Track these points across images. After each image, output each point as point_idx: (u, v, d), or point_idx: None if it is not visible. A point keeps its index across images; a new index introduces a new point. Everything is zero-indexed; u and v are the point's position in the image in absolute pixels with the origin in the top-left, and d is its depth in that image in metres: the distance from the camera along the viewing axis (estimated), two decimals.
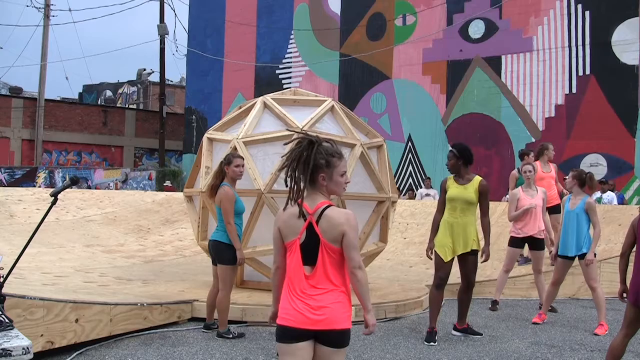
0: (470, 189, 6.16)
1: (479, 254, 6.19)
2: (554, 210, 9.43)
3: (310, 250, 3.02)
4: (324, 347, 3.05)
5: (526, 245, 8.15)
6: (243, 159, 6.24)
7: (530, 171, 7.87)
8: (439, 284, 6.21)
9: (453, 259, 6.18)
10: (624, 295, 4.62)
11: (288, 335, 3.01)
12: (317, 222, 3.01)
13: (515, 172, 9.90)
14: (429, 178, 18.06)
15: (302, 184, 3.01)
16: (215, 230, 6.02)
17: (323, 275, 3.01)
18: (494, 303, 7.91)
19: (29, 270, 7.74)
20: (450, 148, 6.40)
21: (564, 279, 7.06)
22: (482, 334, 6.35)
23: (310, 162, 3.01)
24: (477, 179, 6.20)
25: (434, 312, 6.19)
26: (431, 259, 6.35)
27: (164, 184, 23.61)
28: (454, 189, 6.26)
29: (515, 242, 7.81)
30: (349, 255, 3.01)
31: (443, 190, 6.43)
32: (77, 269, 8.57)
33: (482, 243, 6.25)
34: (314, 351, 3.07)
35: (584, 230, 6.73)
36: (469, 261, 6.19)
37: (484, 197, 6.18)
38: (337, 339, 3.07)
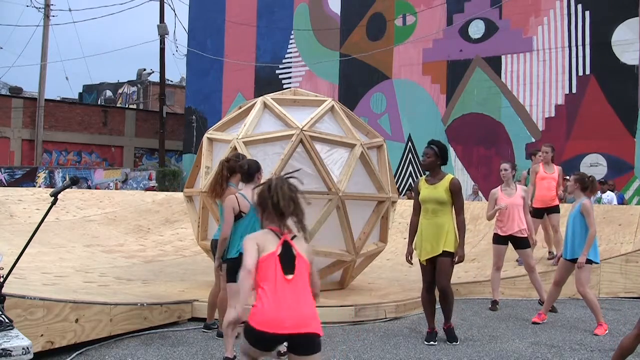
0: (441, 189, 5.95)
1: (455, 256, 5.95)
2: (552, 210, 9.43)
3: (287, 261, 3.25)
4: (300, 356, 3.21)
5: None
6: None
7: (506, 170, 7.95)
8: (428, 288, 6.12)
9: (434, 261, 5.96)
10: None
11: (267, 339, 3.14)
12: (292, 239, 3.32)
13: (524, 172, 9.92)
14: None
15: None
16: (218, 229, 6.01)
17: (302, 282, 3.30)
18: (494, 303, 7.91)
19: (29, 270, 7.74)
20: (430, 144, 6.08)
21: (565, 280, 7.06)
22: (457, 341, 6.03)
23: (279, 209, 3.29)
24: (448, 177, 5.99)
25: (428, 315, 6.17)
26: (412, 264, 6.23)
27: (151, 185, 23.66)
28: (424, 190, 6.09)
29: (498, 239, 7.91)
30: (314, 280, 3.46)
31: (416, 192, 6.31)
32: (77, 269, 8.57)
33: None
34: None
35: (578, 234, 6.72)
36: (440, 263, 5.92)
37: (456, 196, 5.95)
38: (316, 343, 3.29)
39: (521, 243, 7.84)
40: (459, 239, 5.95)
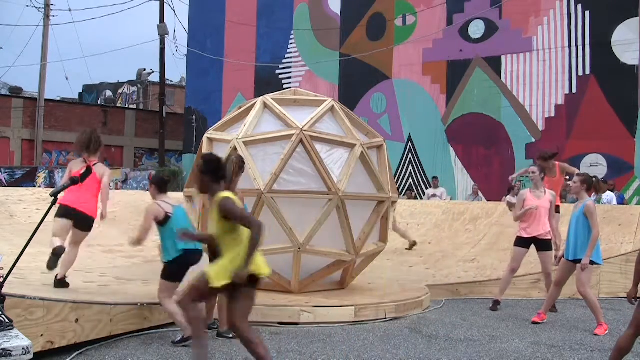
0: (214, 213, 4.56)
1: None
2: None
3: None
4: None
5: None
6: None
7: (534, 172, 7.87)
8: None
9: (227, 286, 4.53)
10: (635, 298, 4.58)
11: None
12: None
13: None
14: (435, 177, 17.98)
15: None
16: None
17: None
18: (496, 303, 7.90)
19: (29, 270, 7.74)
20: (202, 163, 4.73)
21: (566, 280, 7.06)
22: None
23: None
24: (218, 197, 4.50)
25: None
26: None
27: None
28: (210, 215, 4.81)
29: (520, 242, 7.79)
30: None
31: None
32: (77, 269, 8.55)
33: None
34: None
35: (581, 235, 6.71)
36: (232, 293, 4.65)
37: (230, 216, 4.44)
38: None
39: (544, 245, 7.70)
40: (246, 258, 4.41)
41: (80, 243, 7.23)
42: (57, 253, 6.76)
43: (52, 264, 6.76)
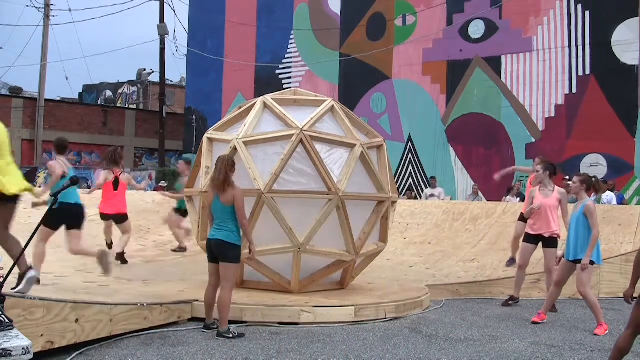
0: None
1: None
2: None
3: None
4: None
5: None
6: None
7: (538, 171, 8.06)
8: None
9: None
10: (632, 298, 4.57)
11: None
12: None
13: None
14: (433, 177, 18.03)
15: None
16: (218, 229, 6.00)
17: None
18: (511, 299, 8.05)
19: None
20: None
21: (566, 280, 7.06)
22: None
23: None
24: None
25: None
26: None
27: (159, 184, 23.56)
28: None
29: (528, 238, 7.92)
30: None
31: None
32: (77, 269, 8.57)
33: None
34: None
35: (581, 235, 6.71)
36: None
37: None
38: None
39: (549, 242, 7.82)
40: None
41: (129, 230, 9.65)
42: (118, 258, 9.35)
43: (120, 259, 9.42)
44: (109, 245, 9.87)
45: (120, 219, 9.55)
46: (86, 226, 11.97)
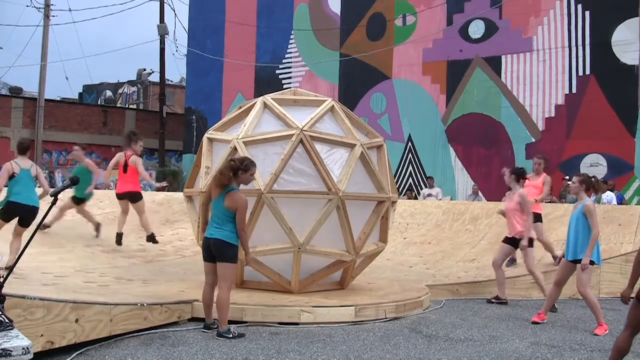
0: None
1: None
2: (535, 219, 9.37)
3: None
4: None
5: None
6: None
7: (504, 174, 8.56)
8: None
9: None
10: (630, 298, 4.57)
11: None
12: None
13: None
14: (431, 177, 18.04)
15: None
16: (217, 228, 6.00)
17: None
18: (496, 298, 8.36)
19: (29, 270, 7.74)
20: None
21: (566, 280, 7.06)
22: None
23: None
24: None
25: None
26: None
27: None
28: None
29: (504, 239, 8.54)
30: None
31: None
32: (77, 269, 8.57)
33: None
34: None
35: (580, 235, 6.71)
36: None
37: None
38: None
39: (516, 242, 8.27)
40: None
41: (143, 211, 10.10)
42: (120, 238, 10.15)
43: (151, 240, 10.23)
44: (119, 234, 10.14)
45: (132, 197, 9.96)
46: (86, 226, 12.01)
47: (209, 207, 6.32)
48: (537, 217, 9.31)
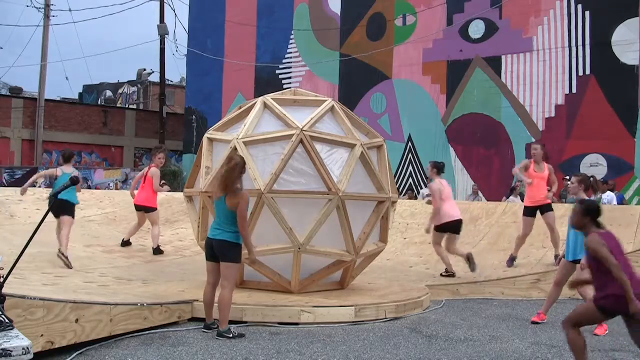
0: None
1: None
2: (545, 208, 9.38)
3: None
4: None
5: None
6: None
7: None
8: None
9: None
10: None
11: None
12: None
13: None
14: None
15: None
16: (219, 229, 5.99)
17: None
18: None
19: (29, 270, 7.74)
20: None
21: (566, 280, 7.05)
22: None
23: None
24: None
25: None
26: None
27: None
28: None
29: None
30: None
31: None
32: (77, 269, 8.57)
33: None
34: None
35: (580, 235, 6.70)
36: None
37: None
38: None
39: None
40: None
41: (156, 222, 10.48)
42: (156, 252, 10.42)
43: (157, 253, 10.37)
44: (125, 241, 10.70)
45: (146, 210, 10.40)
46: (86, 226, 12.02)
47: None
48: (548, 207, 9.36)
